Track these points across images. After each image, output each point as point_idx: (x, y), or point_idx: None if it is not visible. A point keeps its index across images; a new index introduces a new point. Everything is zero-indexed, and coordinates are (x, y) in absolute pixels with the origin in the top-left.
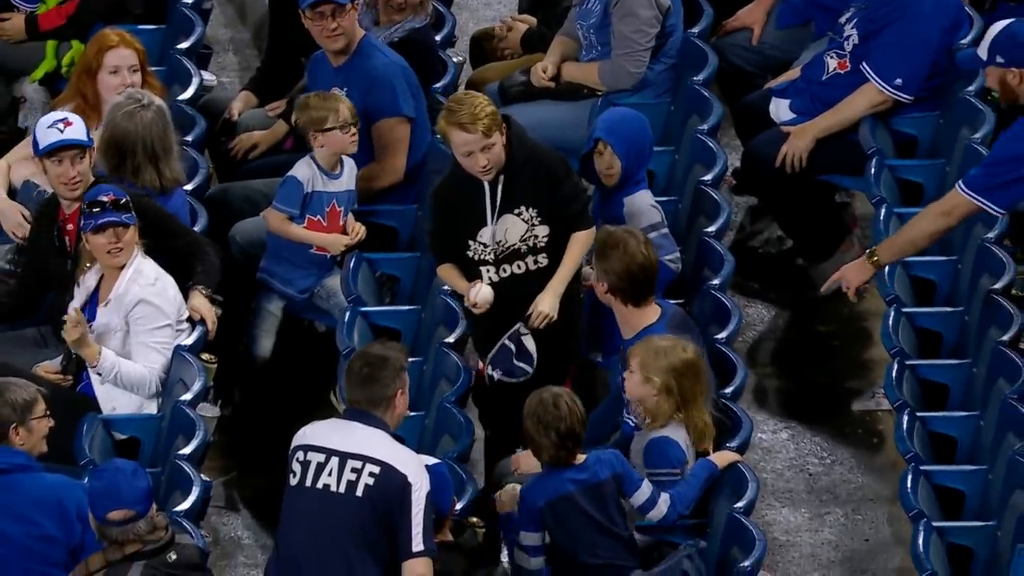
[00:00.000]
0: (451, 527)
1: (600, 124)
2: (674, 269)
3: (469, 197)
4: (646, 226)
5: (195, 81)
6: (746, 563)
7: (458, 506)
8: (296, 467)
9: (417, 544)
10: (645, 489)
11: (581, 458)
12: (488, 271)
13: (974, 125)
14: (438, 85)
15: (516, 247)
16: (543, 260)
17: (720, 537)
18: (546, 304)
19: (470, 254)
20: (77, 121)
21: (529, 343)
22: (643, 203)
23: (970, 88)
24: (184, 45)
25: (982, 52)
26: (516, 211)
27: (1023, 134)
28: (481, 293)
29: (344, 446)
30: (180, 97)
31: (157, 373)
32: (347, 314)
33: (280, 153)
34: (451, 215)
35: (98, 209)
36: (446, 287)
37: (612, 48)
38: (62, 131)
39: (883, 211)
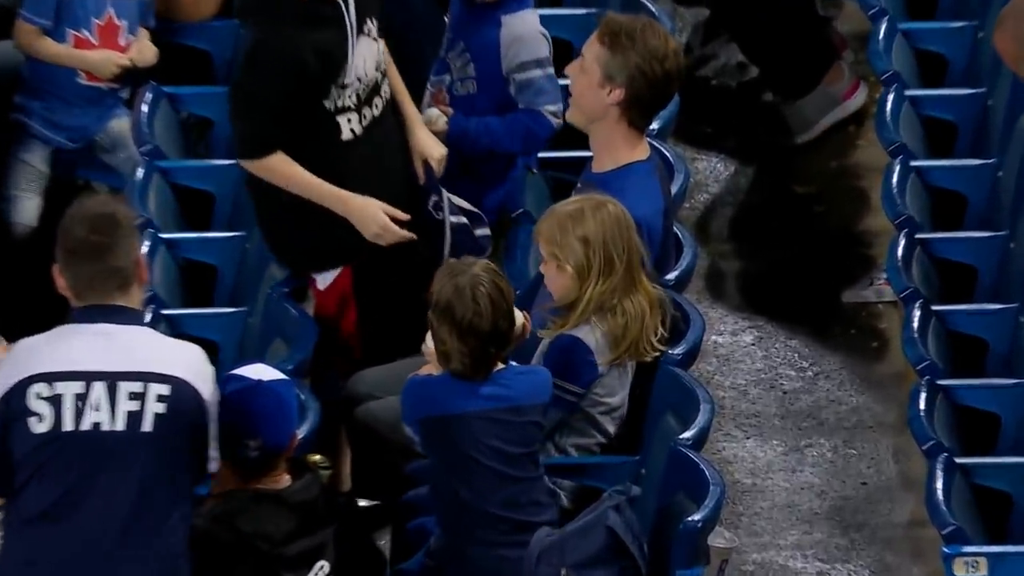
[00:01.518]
0: (288, 468)
1: None
2: (555, 124)
3: (326, 25)
4: (527, 60)
5: None
6: (696, 517)
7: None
8: (41, 408)
9: (212, 467)
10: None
11: (500, 367)
12: (351, 122)
13: None
14: None
15: (375, 79)
16: (387, 88)
17: (660, 481)
18: (434, 145)
19: (328, 105)
20: None
21: (461, 201)
22: (528, 28)
23: None
24: None
25: None
26: (366, 29)
27: None
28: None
29: (107, 363)
30: None
31: None
32: (140, 171)
33: None
34: (308, 64)
35: None
36: None
37: None
38: None
39: (883, 26)
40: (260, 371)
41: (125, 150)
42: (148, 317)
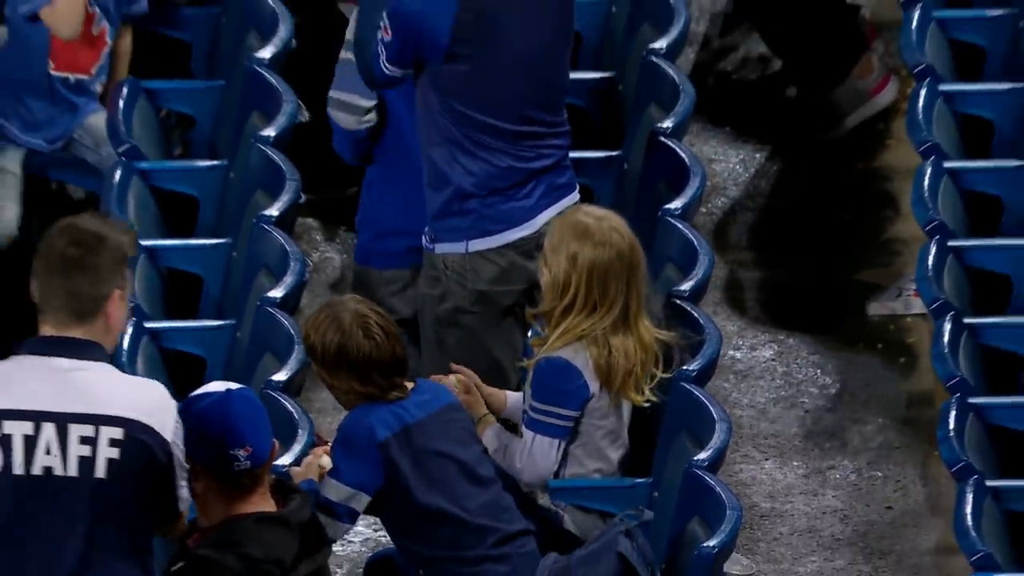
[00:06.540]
0: (272, 485)
1: None
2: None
3: None
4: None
5: None
6: (711, 543)
7: (287, 460)
8: None
9: (182, 507)
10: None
11: (410, 385)
12: None
13: None
14: None
15: None
16: None
17: (674, 505)
18: None
19: None
20: None
21: None
22: None
23: None
24: None
25: None
26: None
27: None
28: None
29: (58, 403)
30: None
31: None
32: (117, 173)
33: None
34: None
35: None
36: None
37: None
38: None
39: (916, 15)
40: (220, 385)
41: (109, 146)
42: (129, 330)
